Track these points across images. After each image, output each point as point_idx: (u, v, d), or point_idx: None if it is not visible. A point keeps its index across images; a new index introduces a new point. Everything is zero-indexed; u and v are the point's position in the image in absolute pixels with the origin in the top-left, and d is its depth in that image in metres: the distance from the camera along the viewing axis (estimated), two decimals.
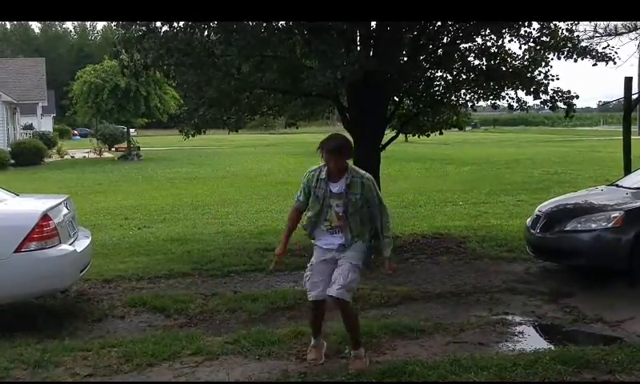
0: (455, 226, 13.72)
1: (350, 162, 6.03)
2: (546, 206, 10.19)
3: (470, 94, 12.08)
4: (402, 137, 13.30)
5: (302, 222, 6.17)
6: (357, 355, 5.88)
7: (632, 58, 16.53)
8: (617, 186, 10.52)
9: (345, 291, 5.68)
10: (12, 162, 36.71)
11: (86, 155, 45.42)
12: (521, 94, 11.53)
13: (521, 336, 7.00)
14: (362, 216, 5.85)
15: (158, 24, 10.70)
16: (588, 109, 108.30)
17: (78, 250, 7.82)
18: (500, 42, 11.34)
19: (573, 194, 11.51)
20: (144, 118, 45.01)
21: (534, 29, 11.00)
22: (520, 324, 7.40)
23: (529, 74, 11.27)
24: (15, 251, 7.08)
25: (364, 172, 5.91)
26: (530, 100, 11.63)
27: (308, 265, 6.06)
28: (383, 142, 11.76)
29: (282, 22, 10.35)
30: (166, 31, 10.70)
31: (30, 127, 53.23)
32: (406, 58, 11.15)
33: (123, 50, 11.32)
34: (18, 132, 48.18)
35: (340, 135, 6.09)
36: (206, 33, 10.77)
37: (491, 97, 11.76)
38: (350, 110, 11.72)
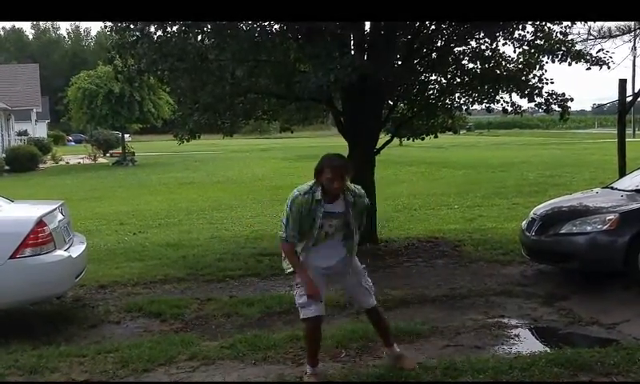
0: (450, 229, 13.74)
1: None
2: (541, 208, 10.20)
3: (464, 97, 12.09)
4: (396, 140, 13.31)
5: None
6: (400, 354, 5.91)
7: (626, 60, 16.59)
8: (612, 188, 10.54)
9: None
10: (7, 168, 36.67)
11: (81, 161, 45.37)
12: (515, 97, 11.57)
13: (517, 339, 7.00)
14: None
15: (152, 29, 10.70)
16: (582, 111, 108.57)
17: (74, 256, 7.80)
18: (494, 46, 11.37)
19: (568, 196, 11.53)
20: (138, 123, 44.94)
21: (528, 32, 11.05)
22: (516, 327, 7.40)
23: (523, 77, 11.30)
24: (10, 257, 7.07)
25: (354, 186, 5.65)
26: (524, 103, 11.68)
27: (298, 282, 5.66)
28: (378, 146, 11.77)
29: (276, 26, 10.37)
30: (159, 36, 10.70)
31: (24, 133, 53.07)
32: (400, 62, 11.17)
33: (117, 56, 11.33)
34: (12, 138, 48.08)
35: (341, 155, 5.91)
36: (200, 37, 10.80)
37: (485, 100, 11.75)
38: (345, 113, 11.73)
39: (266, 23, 10.27)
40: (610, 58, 11.16)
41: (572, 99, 11.31)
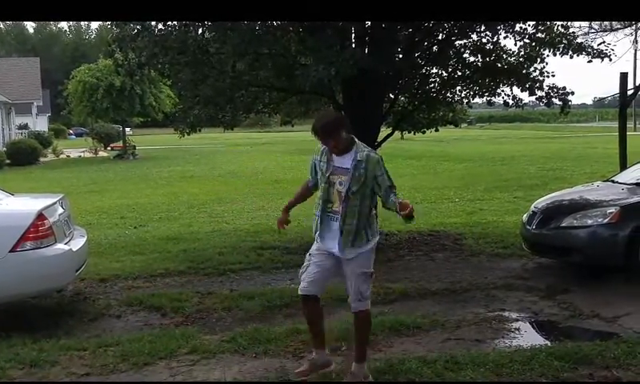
0: (451, 222, 13.74)
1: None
2: (541, 202, 10.20)
3: (465, 90, 12.09)
4: (397, 134, 13.30)
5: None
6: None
7: (627, 53, 16.60)
8: (613, 181, 10.53)
9: (361, 302, 5.39)
10: (7, 161, 36.65)
11: (82, 154, 45.31)
12: (516, 90, 11.56)
13: (517, 332, 7.01)
14: (364, 196, 5.28)
15: (153, 22, 10.69)
16: (583, 105, 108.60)
17: (74, 249, 7.79)
18: (495, 39, 11.35)
19: (569, 190, 11.51)
20: (139, 116, 44.99)
21: (529, 25, 11.03)
22: (516, 320, 7.41)
23: (524, 71, 11.28)
24: (11, 251, 7.06)
25: (370, 148, 5.48)
26: (525, 96, 11.66)
27: (307, 254, 5.60)
28: (379, 140, 11.74)
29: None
30: (160, 30, 10.69)
31: (25, 127, 53.09)
32: (401, 55, 11.14)
33: (118, 49, 11.30)
34: (13, 132, 48.10)
35: (326, 112, 5.76)
36: (200, 31, 10.78)
37: (487, 93, 11.76)
38: (346, 107, 11.70)
39: None
40: (612, 50, 11.16)
41: (573, 93, 11.30)
